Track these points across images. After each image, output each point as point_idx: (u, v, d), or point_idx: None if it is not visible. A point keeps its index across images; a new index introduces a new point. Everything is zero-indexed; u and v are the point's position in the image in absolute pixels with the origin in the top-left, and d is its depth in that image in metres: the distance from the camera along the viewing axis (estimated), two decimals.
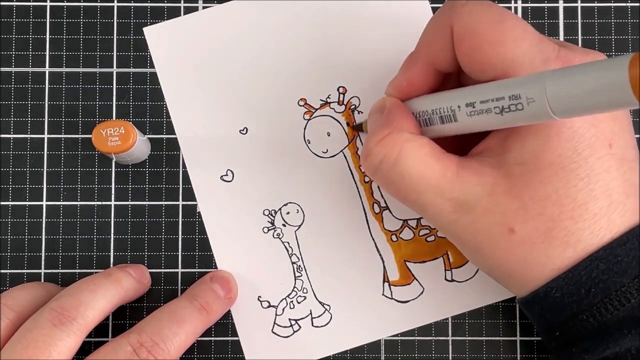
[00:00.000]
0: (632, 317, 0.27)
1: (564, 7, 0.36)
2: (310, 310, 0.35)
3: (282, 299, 0.35)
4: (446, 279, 0.35)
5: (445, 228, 0.29)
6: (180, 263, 0.35)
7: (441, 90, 0.30)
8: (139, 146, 0.33)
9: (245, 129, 0.36)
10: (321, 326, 0.35)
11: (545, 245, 0.27)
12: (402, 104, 0.30)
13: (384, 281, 0.35)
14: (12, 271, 0.35)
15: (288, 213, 0.35)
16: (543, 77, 0.23)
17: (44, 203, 0.35)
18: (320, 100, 0.36)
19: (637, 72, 0.20)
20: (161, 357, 0.30)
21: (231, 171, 0.36)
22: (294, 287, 0.35)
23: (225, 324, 0.35)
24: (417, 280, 0.35)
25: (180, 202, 0.35)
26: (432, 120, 0.29)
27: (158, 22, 0.36)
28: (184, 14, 0.36)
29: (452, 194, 0.28)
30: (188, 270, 0.35)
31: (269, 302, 0.35)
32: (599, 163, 0.27)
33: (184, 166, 0.36)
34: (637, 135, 0.36)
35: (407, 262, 0.35)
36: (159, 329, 0.31)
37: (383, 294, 0.35)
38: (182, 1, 0.36)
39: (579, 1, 0.36)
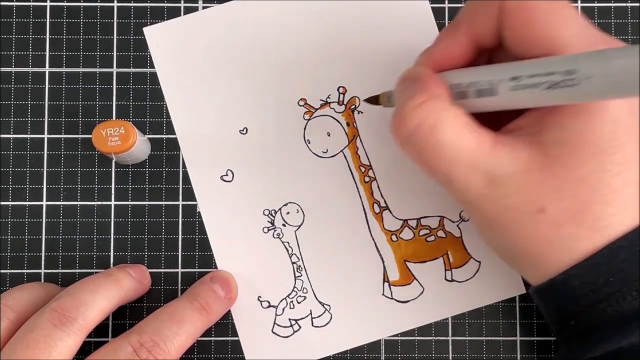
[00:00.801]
0: None
1: None
2: (310, 310, 0.35)
3: (282, 299, 0.35)
4: (446, 279, 0.35)
5: (471, 202, 0.29)
6: (180, 263, 0.35)
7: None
8: (139, 146, 0.33)
9: (245, 129, 0.36)
10: (321, 326, 0.35)
11: (574, 228, 0.27)
12: (435, 74, 0.29)
13: (384, 281, 0.35)
14: (12, 271, 0.35)
15: (288, 213, 0.35)
16: (606, 54, 0.23)
17: (44, 203, 0.35)
18: (320, 100, 0.36)
19: None
20: (161, 357, 0.30)
21: (231, 171, 0.36)
22: (294, 287, 0.35)
23: (225, 324, 0.35)
24: (417, 280, 0.35)
25: (180, 202, 0.35)
26: (467, 94, 0.28)
27: (158, 22, 0.36)
28: (184, 14, 0.36)
29: (485, 167, 0.27)
30: (188, 270, 0.35)
31: (269, 302, 0.35)
32: (635, 151, 0.27)
33: (184, 166, 0.36)
34: None
35: (407, 262, 0.35)
36: (159, 329, 0.31)
37: (383, 294, 0.35)
38: (182, 1, 0.36)
39: (579, 1, 0.36)
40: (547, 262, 0.28)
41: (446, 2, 0.36)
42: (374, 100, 0.34)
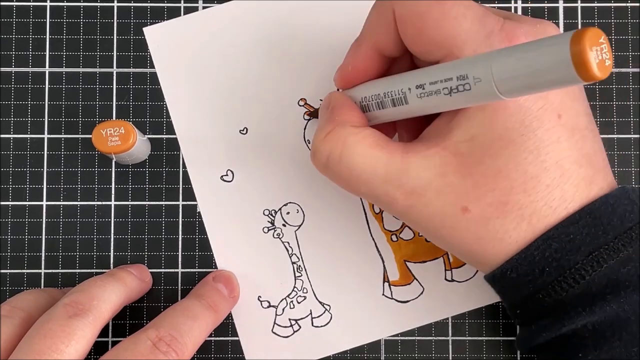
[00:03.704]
0: (587, 293, 0.27)
1: (564, 7, 0.36)
2: (310, 310, 0.35)
3: (282, 299, 0.35)
4: (446, 279, 0.35)
5: (401, 216, 0.29)
6: (180, 263, 0.35)
7: (391, 75, 0.30)
8: (139, 146, 0.33)
9: (245, 129, 0.36)
10: (321, 326, 0.35)
11: (500, 220, 0.27)
12: (346, 97, 0.30)
13: (384, 281, 0.35)
14: (12, 271, 0.35)
15: (288, 213, 0.35)
16: (489, 57, 0.23)
17: (44, 203, 0.35)
18: (320, 100, 0.36)
19: (578, 49, 0.20)
20: (180, 350, 0.30)
21: (231, 171, 0.36)
22: (294, 287, 0.35)
23: (225, 324, 0.35)
24: (417, 280, 0.35)
25: (180, 202, 0.35)
26: (384, 104, 0.29)
27: (158, 22, 0.36)
28: (184, 14, 0.36)
29: (401, 180, 0.28)
30: (188, 270, 0.35)
31: (269, 302, 0.35)
32: (547, 134, 0.27)
33: (184, 166, 0.36)
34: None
35: (407, 262, 0.35)
36: (176, 324, 0.31)
37: (383, 294, 0.35)
38: (182, 1, 0.36)
39: (579, 1, 0.36)
40: (485, 257, 0.28)
41: None
42: (315, 114, 0.35)
